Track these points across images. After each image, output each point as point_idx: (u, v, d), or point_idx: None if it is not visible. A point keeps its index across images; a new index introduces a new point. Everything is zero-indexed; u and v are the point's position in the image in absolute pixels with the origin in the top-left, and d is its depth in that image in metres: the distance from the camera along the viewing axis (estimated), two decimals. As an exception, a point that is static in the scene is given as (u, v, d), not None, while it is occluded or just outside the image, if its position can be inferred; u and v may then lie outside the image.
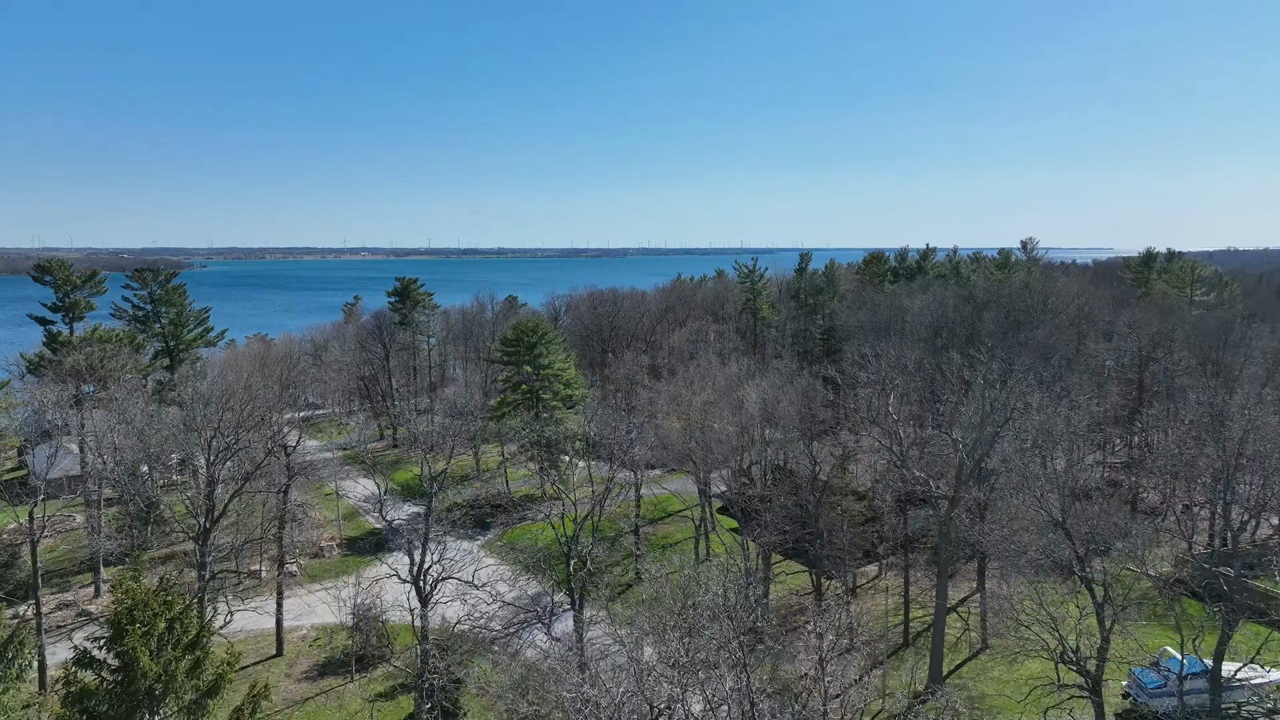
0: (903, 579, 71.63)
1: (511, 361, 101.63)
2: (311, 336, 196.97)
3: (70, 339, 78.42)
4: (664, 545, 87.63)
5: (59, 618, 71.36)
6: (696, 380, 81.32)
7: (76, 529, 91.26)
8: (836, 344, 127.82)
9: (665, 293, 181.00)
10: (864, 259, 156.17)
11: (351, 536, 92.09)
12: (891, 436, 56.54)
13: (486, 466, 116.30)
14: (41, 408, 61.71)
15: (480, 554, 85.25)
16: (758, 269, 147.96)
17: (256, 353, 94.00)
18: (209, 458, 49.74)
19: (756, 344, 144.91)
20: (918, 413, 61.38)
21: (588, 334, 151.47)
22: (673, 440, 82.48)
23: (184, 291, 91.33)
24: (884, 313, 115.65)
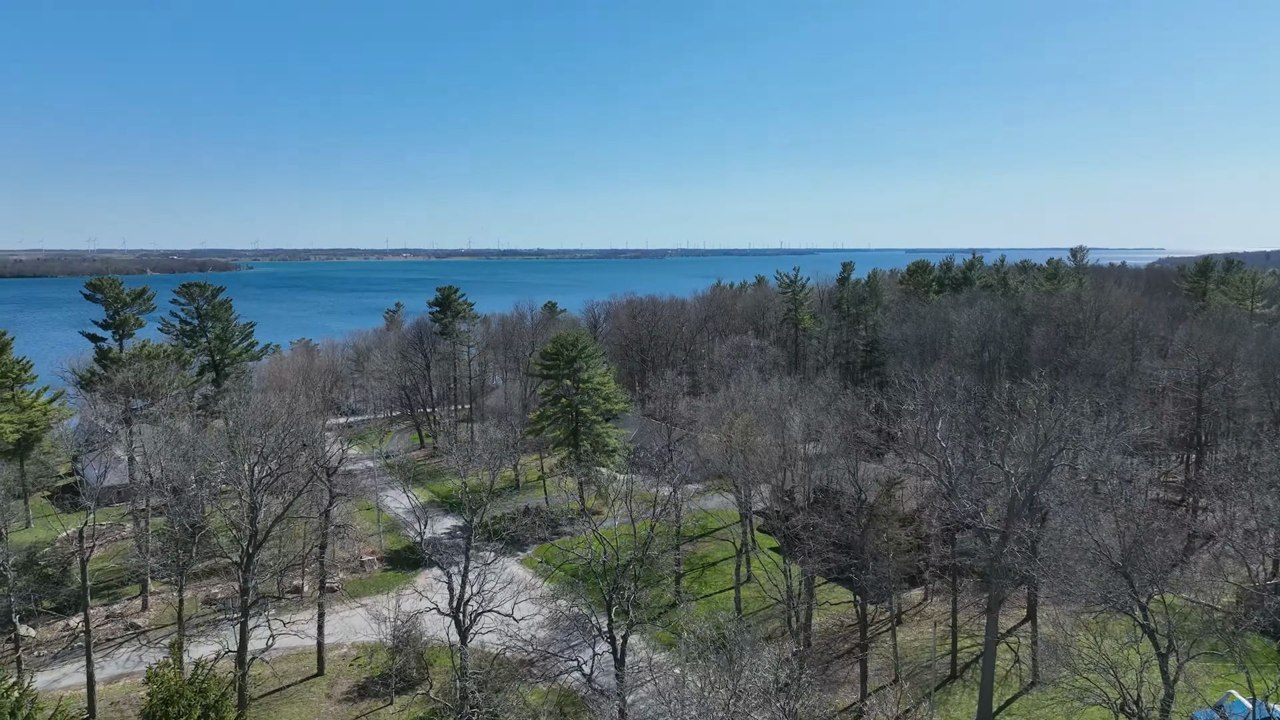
0: (950, 606, 69.89)
1: (551, 375, 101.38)
2: (354, 343, 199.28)
3: (120, 355, 79.77)
4: (704, 565, 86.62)
5: (107, 630, 72.46)
6: (738, 399, 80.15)
7: (126, 538, 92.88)
8: (880, 356, 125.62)
9: (705, 301, 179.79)
10: (908, 268, 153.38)
11: (393, 550, 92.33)
12: (940, 465, 54.94)
13: (527, 478, 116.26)
14: (93, 427, 62.56)
15: (518, 571, 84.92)
16: (799, 279, 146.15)
17: (300, 366, 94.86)
18: (252, 483, 49.92)
19: (798, 356, 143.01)
20: (966, 439, 59.54)
21: (627, 343, 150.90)
22: (713, 459, 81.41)
23: (230, 306, 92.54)
24: (929, 325, 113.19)
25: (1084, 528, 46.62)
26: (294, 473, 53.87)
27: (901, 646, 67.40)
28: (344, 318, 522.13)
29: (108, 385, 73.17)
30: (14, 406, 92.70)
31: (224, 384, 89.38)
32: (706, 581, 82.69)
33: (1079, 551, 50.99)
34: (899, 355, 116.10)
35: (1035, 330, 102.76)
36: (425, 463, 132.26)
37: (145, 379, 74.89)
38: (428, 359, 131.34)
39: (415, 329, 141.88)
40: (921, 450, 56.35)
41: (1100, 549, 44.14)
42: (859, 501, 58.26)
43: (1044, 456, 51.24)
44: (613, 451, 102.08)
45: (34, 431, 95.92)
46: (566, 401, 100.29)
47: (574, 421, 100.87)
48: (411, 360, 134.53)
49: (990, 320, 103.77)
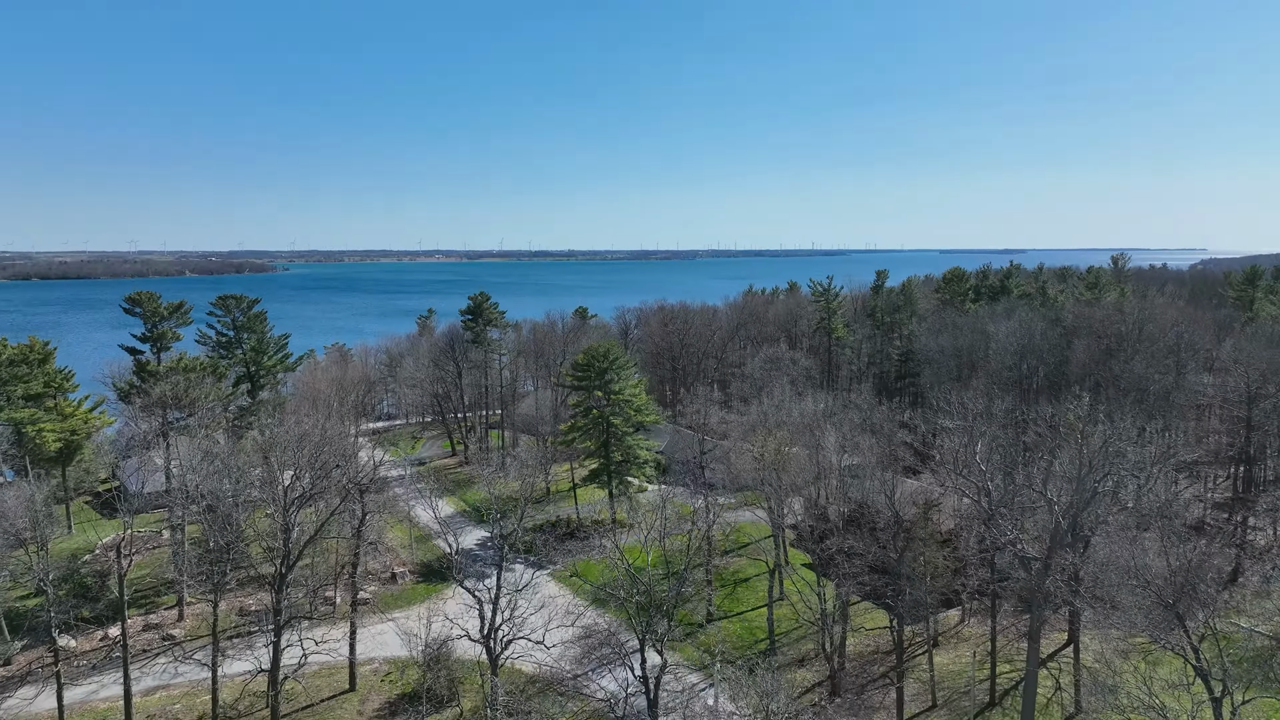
0: (988, 628, 68.32)
1: (582, 387, 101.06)
2: (387, 348, 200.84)
3: (157, 368, 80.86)
4: (736, 581, 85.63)
5: (144, 641, 73.26)
6: (771, 413, 79.15)
7: (163, 546, 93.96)
8: (915, 367, 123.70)
9: (736, 308, 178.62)
10: (943, 276, 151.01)
11: (424, 562, 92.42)
12: (980, 490, 53.64)
13: (558, 487, 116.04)
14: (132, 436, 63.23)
15: (549, 587, 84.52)
16: (832, 287, 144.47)
17: (334, 377, 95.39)
18: (285, 503, 50.06)
19: (830, 366, 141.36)
20: (1006, 462, 58.08)
21: (658, 351, 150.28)
22: (745, 476, 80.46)
23: (265, 318, 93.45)
24: (966, 336, 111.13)
25: (1130, 557, 45.16)
26: (327, 492, 53.94)
27: (938, 671, 66.03)
28: (377, 319, 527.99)
29: (145, 398, 74.14)
30: (56, 416, 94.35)
31: (259, 395, 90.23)
32: (738, 599, 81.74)
33: (1124, 577, 49.48)
34: (934, 366, 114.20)
35: (1075, 343, 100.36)
36: (456, 470, 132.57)
37: (182, 391, 75.79)
38: (459, 367, 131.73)
39: (447, 337, 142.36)
40: (960, 474, 55.03)
41: (1148, 586, 42.70)
42: (895, 524, 57.08)
43: (1088, 484, 49.82)
44: (644, 464, 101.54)
45: (75, 440, 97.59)
46: (597, 413, 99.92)
47: (605, 433, 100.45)
48: (443, 368, 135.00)
49: (1029, 333, 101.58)
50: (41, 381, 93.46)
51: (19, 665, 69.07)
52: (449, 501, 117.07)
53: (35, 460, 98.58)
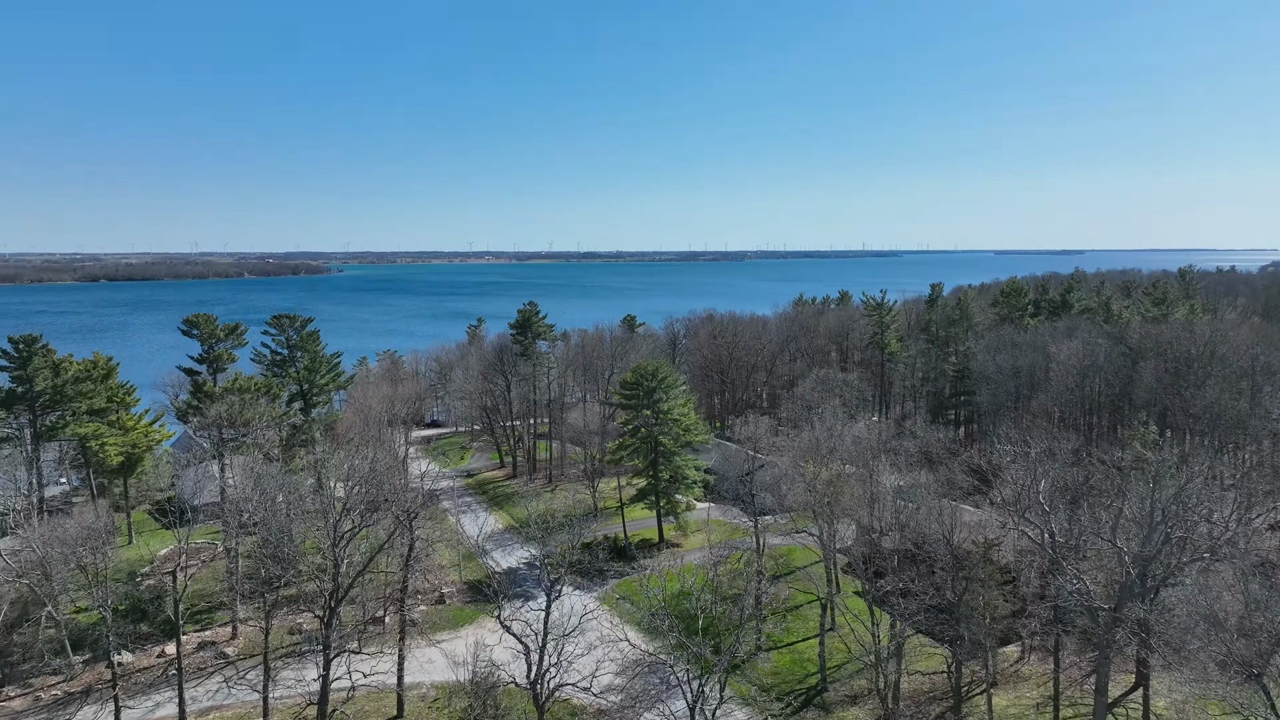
0: (1049, 666, 65.84)
1: (631, 405, 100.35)
2: (438, 355, 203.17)
3: (213, 389, 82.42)
4: (786, 609, 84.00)
5: (199, 660, 74.42)
6: (823, 441, 77.41)
7: (219, 558, 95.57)
8: (970, 384, 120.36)
9: (786, 319, 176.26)
10: (1001, 290, 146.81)
11: (472, 581, 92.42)
12: (1043, 535, 51.52)
13: (605, 504, 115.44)
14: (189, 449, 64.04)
15: (596, 610, 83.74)
16: (886, 301, 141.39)
17: (385, 395, 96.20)
18: (335, 537, 50.16)
19: (883, 381, 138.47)
20: (1071, 504, 55.72)
21: (706, 364, 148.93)
22: (796, 502, 78.81)
23: (318, 337, 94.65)
24: (1026, 355, 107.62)
25: (1200, 598, 42.83)
26: (377, 524, 54.03)
27: (998, 713, 63.71)
28: (427, 322, 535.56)
29: (202, 419, 75.53)
30: (118, 430, 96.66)
31: (311, 413, 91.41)
32: (789, 628, 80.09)
33: (1193, 621, 46.96)
34: (992, 385, 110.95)
35: (1142, 365, 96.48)
36: (504, 483, 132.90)
37: (236, 412, 77.01)
38: (508, 380, 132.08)
39: (496, 350, 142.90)
40: (1023, 516, 52.93)
41: (1220, 635, 40.38)
42: (954, 568, 55.15)
43: (1159, 533, 47.46)
44: (692, 483, 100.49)
45: (136, 453, 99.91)
46: (645, 431, 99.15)
47: (653, 452, 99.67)
48: (492, 381, 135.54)
49: (1092, 354, 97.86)
50: (104, 396, 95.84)
51: (81, 681, 70.69)
52: (496, 516, 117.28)
53: (98, 472, 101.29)
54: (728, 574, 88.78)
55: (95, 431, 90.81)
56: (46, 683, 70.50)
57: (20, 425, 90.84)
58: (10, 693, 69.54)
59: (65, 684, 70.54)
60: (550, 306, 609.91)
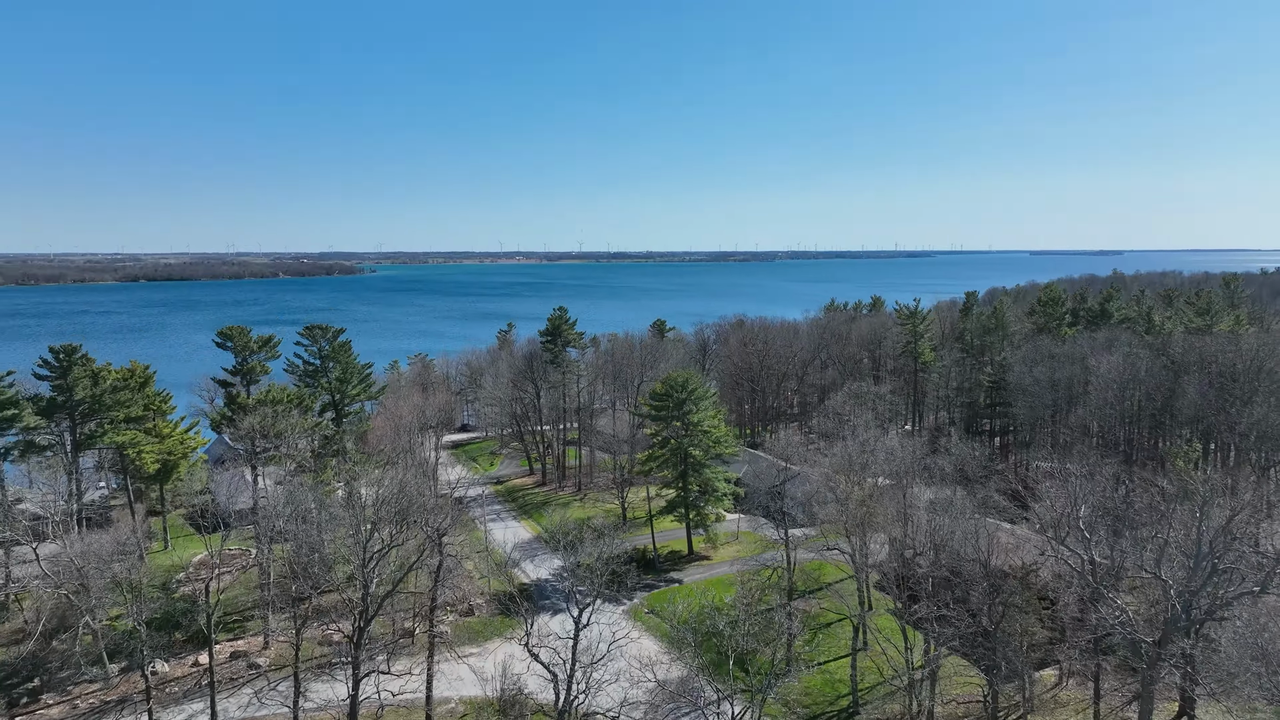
0: (1090, 693, 64.18)
1: (660, 417, 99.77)
2: (468, 360, 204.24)
3: (247, 401, 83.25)
4: (817, 626, 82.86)
5: (231, 670, 75.03)
6: (855, 457, 76.18)
7: (252, 565, 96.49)
8: (1007, 395, 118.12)
9: (818, 326, 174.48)
10: (1039, 299, 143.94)
11: (501, 592, 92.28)
12: (1083, 563, 50.16)
13: (634, 514, 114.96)
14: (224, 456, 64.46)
15: (625, 625, 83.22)
16: (919, 309, 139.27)
17: (415, 405, 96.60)
18: (364, 558, 50.18)
19: (916, 392, 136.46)
20: (1113, 531, 54.19)
21: (737, 371, 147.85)
22: (829, 521, 77.63)
23: (349, 347, 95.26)
24: (1064, 367, 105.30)
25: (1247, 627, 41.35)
26: (405, 546, 54.02)
27: (1035, 741, 62.37)
28: (458, 323, 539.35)
29: (235, 430, 76.31)
30: (155, 437, 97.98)
31: (343, 423, 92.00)
32: (820, 647, 78.83)
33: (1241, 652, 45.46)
34: (1029, 397, 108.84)
35: (1185, 378, 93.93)
36: (533, 491, 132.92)
37: (269, 423, 77.66)
38: (538, 388, 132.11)
39: (526, 358, 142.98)
40: (1062, 543, 51.60)
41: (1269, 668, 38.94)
42: (991, 595, 53.91)
43: (1205, 565, 45.96)
44: (722, 496, 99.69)
45: (172, 459, 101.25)
46: (675, 443, 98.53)
47: (682, 463, 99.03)
48: (522, 389, 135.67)
49: (1133, 368, 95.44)
50: (141, 405, 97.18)
51: (117, 690, 71.59)
52: (525, 524, 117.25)
53: (135, 478, 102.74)
54: (758, 588, 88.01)
55: (132, 439, 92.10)
56: (84, 691, 71.53)
57: (61, 432, 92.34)
58: (49, 700, 70.66)
59: (102, 692, 71.52)
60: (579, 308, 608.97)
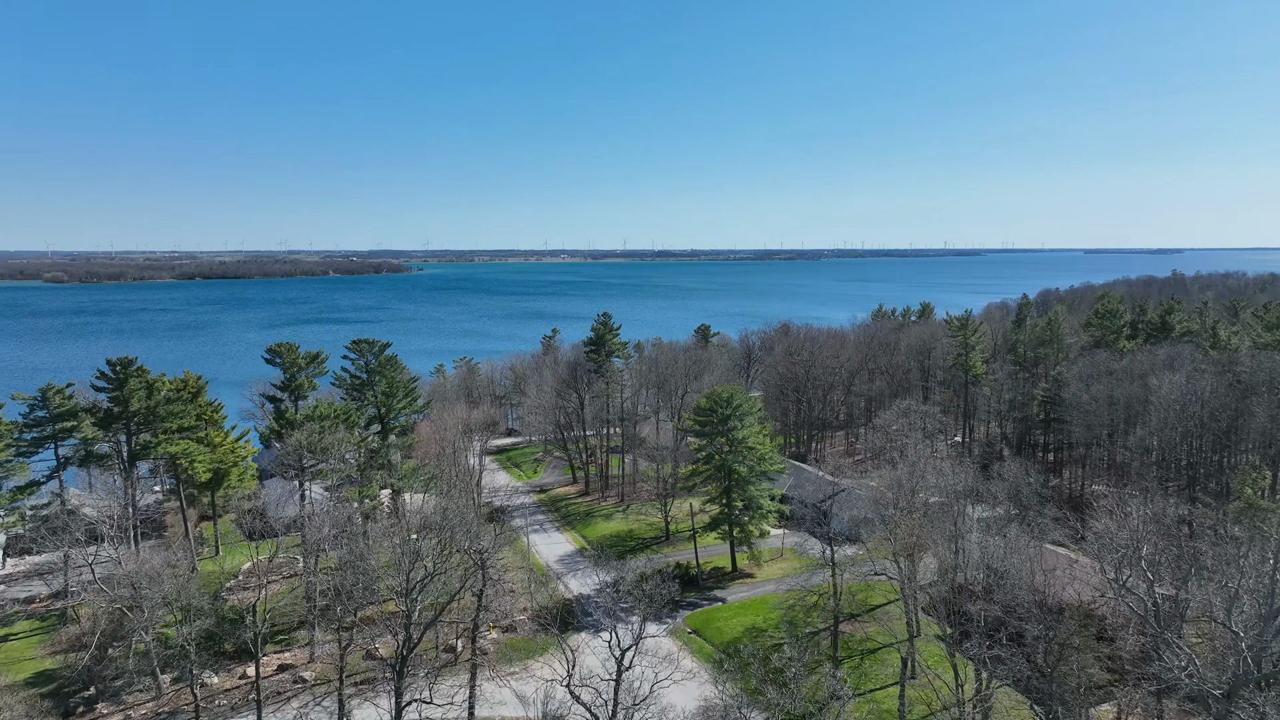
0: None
1: (704, 433, 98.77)
2: (513, 365, 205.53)
3: (295, 417, 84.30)
4: (863, 651, 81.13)
5: (278, 683, 75.95)
6: (905, 482, 74.41)
7: (298, 574, 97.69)
8: (1061, 412, 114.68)
9: (865, 335, 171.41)
10: (1095, 311, 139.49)
11: (544, 608, 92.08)
12: (1146, 609, 48.10)
13: (677, 527, 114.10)
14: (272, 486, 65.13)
15: (666, 644, 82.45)
16: (970, 320, 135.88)
17: (459, 419, 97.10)
18: (408, 588, 50.18)
19: (967, 406, 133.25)
20: (1178, 574, 51.90)
21: (782, 382, 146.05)
22: (875, 545, 76.02)
23: (395, 361, 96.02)
24: (1122, 385, 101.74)
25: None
26: (448, 574, 53.96)
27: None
28: (502, 322, 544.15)
29: (284, 446, 77.28)
30: (206, 447, 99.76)
31: (389, 437, 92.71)
32: (866, 673, 77.19)
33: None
34: (1085, 414, 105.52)
35: (1254, 398, 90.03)
36: (576, 501, 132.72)
37: (316, 439, 78.44)
38: (582, 398, 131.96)
39: (570, 367, 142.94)
40: (1123, 584, 49.55)
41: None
42: (1048, 641, 52.04)
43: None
44: (767, 513, 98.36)
45: (223, 468, 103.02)
46: (719, 459, 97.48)
47: (727, 479, 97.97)
48: (565, 398, 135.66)
49: (1196, 388, 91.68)
50: (194, 415, 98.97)
51: (168, 702, 72.91)
52: (568, 536, 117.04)
53: (187, 485, 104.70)
54: (803, 610, 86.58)
55: (185, 449, 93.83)
56: (137, 701, 72.99)
57: (117, 442, 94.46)
58: (103, 709, 72.25)
59: (154, 702, 72.91)
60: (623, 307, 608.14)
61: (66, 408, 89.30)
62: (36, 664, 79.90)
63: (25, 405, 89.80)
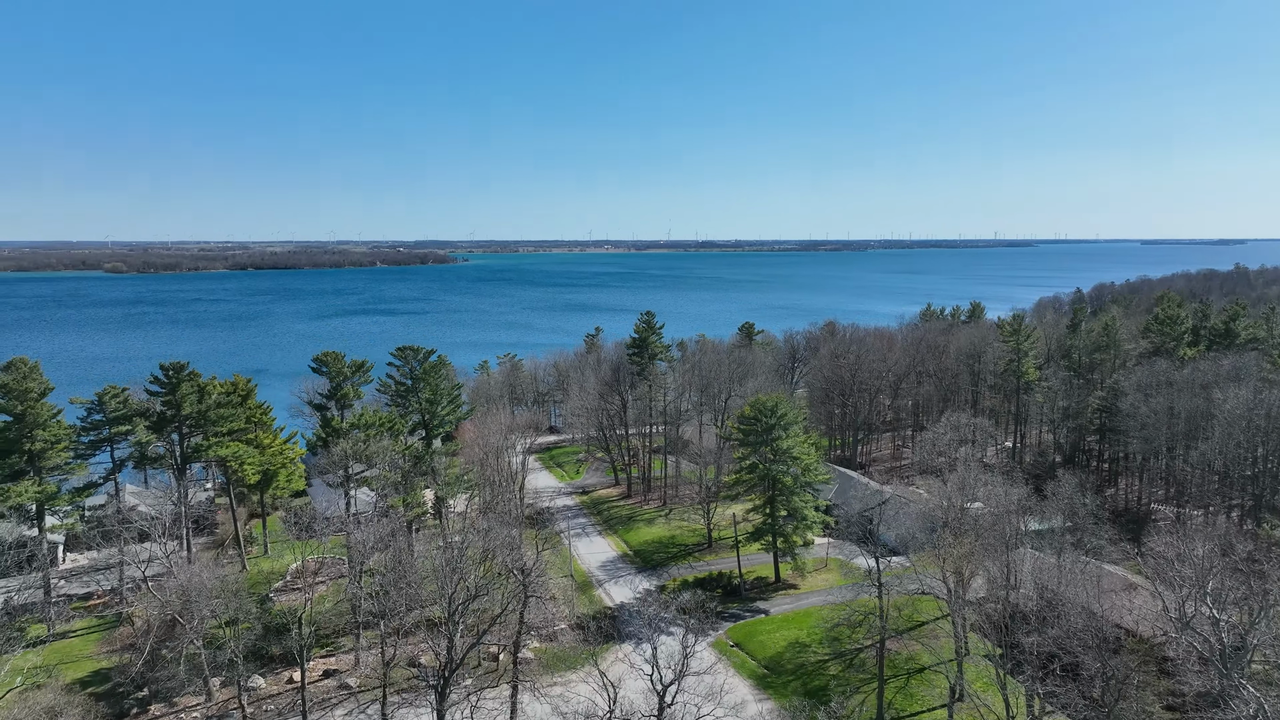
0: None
1: (748, 442, 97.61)
2: (556, 362, 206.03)
3: (340, 425, 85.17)
4: (909, 671, 79.47)
5: (323, 688, 76.86)
6: (955, 497, 72.60)
7: (343, 576, 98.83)
8: (1118, 422, 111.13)
9: (914, 338, 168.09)
10: (1154, 315, 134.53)
11: (585, 615, 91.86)
12: (1212, 652, 46.07)
13: (719, 534, 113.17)
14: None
15: (709, 657, 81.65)
16: (1024, 326, 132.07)
17: (502, 424, 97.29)
18: (451, 609, 50.12)
19: (1019, 414, 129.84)
20: (1248, 618, 49.58)
21: (827, 385, 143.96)
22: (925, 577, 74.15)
23: (439, 369, 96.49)
24: (1183, 398, 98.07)
25: None
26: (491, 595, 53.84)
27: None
28: (546, 314, 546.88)
29: (329, 454, 78.06)
30: (255, 448, 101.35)
31: (433, 444, 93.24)
32: (912, 695, 75.58)
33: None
34: (1144, 427, 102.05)
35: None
36: (619, 504, 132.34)
37: (361, 447, 79.09)
38: (624, 401, 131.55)
39: (613, 370, 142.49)
40: (1187, 625, 47.55)
41: None
42: (1105, 669, 50.24)
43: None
44: (811, 524, 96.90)
45: (272, 469, 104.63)
46: (764, 469, 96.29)
47: (770, 489, 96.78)
48: (609, 401, 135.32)
49: (1264, 401, 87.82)
50: (243, 417, 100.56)
51: (218, 705, 74.29)
52: (610, 540, 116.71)
53: (237, 485, 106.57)
54: (848, 626, 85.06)
55: (235, 453, 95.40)
56: (187, 704, 74.48)
57: (171, 445, 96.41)
58: (155, 711, 73.88)
59: (204, 705, 74.32)
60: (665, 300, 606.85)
61: (121, 412, 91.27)
62: (93, 663, 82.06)
63: (83, 409, 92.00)
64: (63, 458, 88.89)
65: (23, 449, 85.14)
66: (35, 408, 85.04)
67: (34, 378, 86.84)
